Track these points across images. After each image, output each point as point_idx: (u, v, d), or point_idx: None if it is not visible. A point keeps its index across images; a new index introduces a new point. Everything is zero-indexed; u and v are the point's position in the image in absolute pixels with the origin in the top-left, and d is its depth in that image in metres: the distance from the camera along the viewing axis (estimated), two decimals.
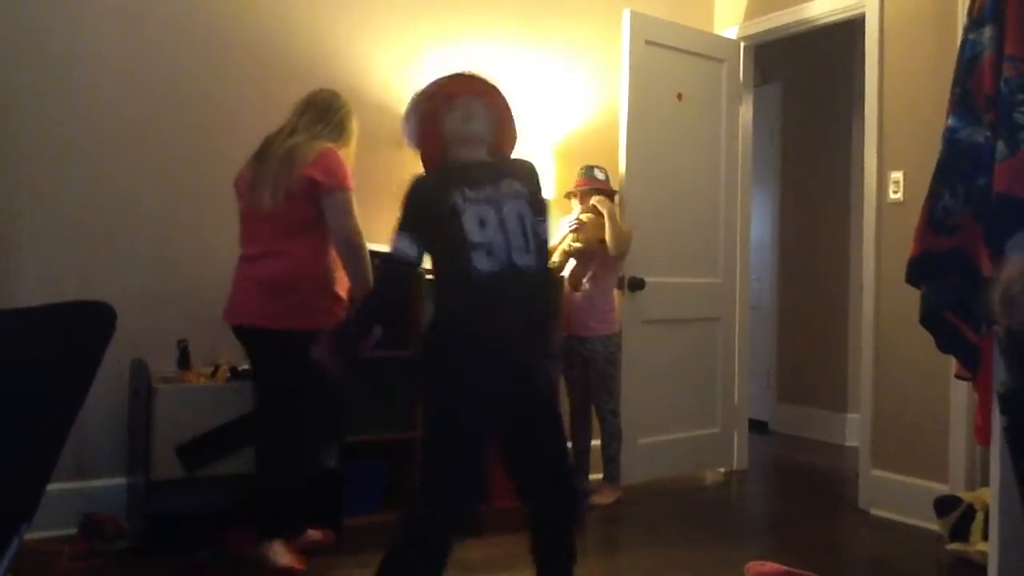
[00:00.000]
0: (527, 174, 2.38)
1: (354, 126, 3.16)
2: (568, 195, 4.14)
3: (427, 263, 2.33)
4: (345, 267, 2.98)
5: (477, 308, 2.19)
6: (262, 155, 3.03)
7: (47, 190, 3.29)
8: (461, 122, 2.33)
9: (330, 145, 3.00)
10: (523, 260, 2.21)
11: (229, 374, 3.28)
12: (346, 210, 2.92)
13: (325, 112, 3.09)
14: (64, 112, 3.33)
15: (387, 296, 2.39)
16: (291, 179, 2.90)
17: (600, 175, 4.10)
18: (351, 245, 2.94)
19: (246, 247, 3.06)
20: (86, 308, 1.72)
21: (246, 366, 3.30)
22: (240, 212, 3.10)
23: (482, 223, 2.19)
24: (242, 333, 3.05)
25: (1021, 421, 2.07)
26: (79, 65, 3.35)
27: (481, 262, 2.16)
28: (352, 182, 2.97)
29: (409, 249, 2.23)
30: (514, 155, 2.51)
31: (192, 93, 3.55)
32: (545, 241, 2.35)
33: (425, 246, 2.25)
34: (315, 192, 2.91)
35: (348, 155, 3.11)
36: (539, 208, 2.33)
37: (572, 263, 4.02)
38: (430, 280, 2.39)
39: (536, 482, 2.32)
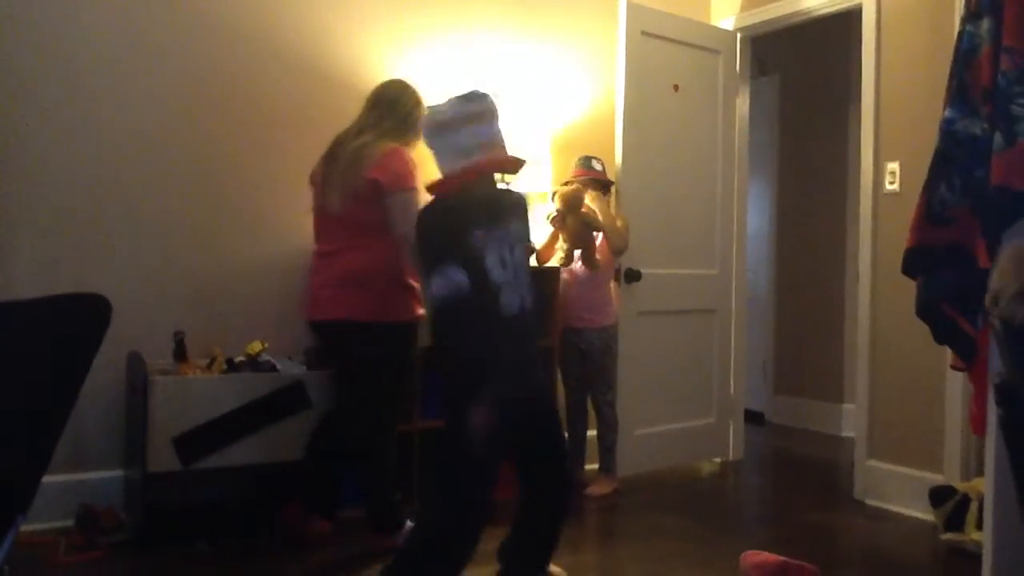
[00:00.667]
0: (524, 212, 2.56)
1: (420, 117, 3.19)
2: (565, 184, 4.12)
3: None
4: (410, 264, 3.03)
5: (504, 344, 2.36)
6: (332, 155, 3.08)
7: (43, 183, 3.27)
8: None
9: (395, 145, 3.02)
10: (529, 300, 2.43)
11: (225, 366, 3.28)
12: (407, 209, 2.91)
13: (391, 108, 3.11)
14: (61, 106, 3.30)
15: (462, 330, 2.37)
16: (357, 181, 2.95)
17: (597, 166, 4.10)
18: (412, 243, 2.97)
19: (320, 244, 3.14)
20: (82, 300, 1.72)
21: (242, 358, 3.31)
22: (314, 210, 3.17)
23: (502, 263, 2.37)
24: (321, 328, 3.12)
25: (1016, 411, 2.07)
26: (77, 64, 3.33)
27: (506, 301, 2.35)
28: (418, 180, 2.98)
29: (463, 277, 2.29)
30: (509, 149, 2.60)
31: (185, 86, 3.53)
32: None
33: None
34: (380, 194, 2.95)
35: (416, 149, 3.13)
36: (528, 240, 2.60)
37: (578, 251, 3.99)
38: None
39: (537, 463, 2.54)
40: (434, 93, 3.93)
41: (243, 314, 3.58)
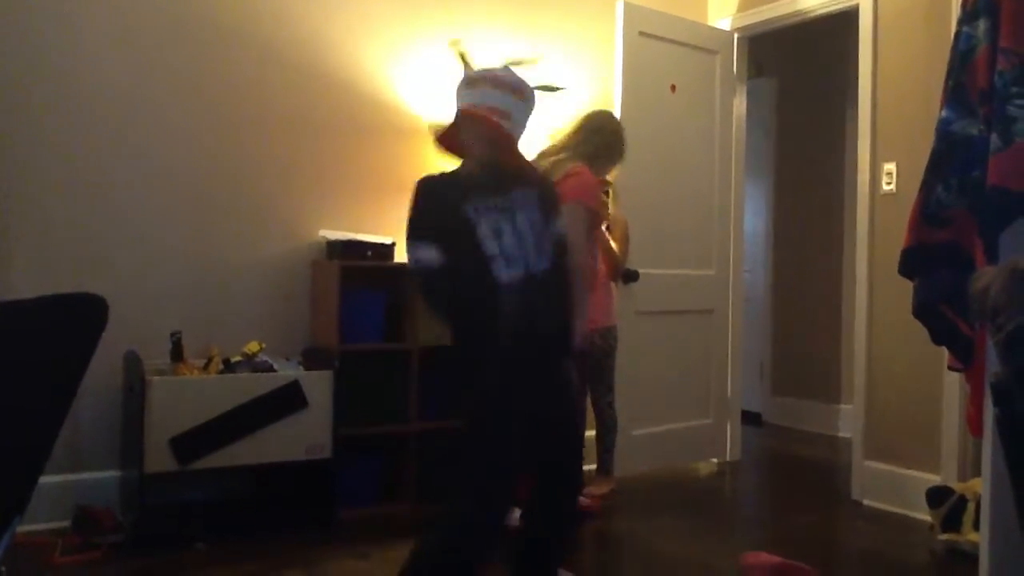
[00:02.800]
0: (538, 180, 2.48)
1: (618, 149, 3.52)
2: None
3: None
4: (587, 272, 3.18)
5: (507, 318, 2.20)
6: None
7: (40, 183, 3.27)
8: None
9: (583, 165, 3.26)
10: (540, 265, 2.26)
11: (222, 366, 3.27)
12: (575, 219, 2.97)
13: (591, 135, 3.44)
14: (57, 111, 3.29)
15: (442, 305, 2.32)
16: None
17: None
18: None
19: None
20: (79, 300, 1.72)
21: (239, 358, 3.30)
22: None
23: (498, 233, 2.23)
24: None
25: (1013, 412, 2.07)
26: (73, 69, 3.32)
27: (502, 273, 2.20)
28: (593, 200, 3.21)
29: (435, 257, 2.19)
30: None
31: (182, 90, 3.52)
32: (562, 239, 2.37)
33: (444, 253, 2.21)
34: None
35: (602, 174, 3.49)
36: (553, 210, 2.38)
37: None
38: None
39: (542, 497, 2.37)
40: (431, 95, 3.96)
41: (240, 314, 3.58)
